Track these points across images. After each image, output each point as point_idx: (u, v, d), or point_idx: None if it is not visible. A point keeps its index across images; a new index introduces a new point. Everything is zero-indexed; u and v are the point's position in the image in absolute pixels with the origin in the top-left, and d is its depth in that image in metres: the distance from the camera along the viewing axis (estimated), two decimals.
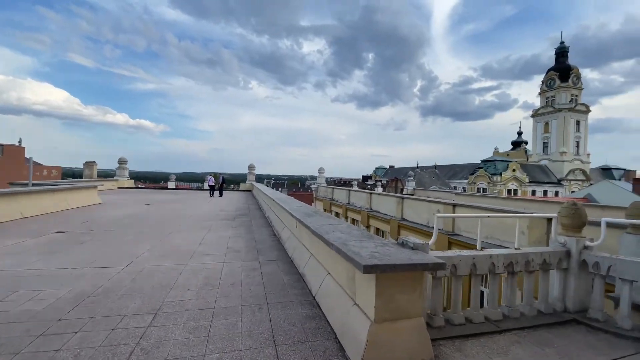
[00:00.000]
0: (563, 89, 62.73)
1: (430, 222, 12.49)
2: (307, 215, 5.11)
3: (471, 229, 10.33)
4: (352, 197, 21.38)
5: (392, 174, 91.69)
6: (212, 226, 9.42)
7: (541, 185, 60.64)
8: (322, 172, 29.55)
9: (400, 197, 14.85)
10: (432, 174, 58.81)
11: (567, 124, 61.86)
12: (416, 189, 35.66)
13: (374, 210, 17.72)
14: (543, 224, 7.81)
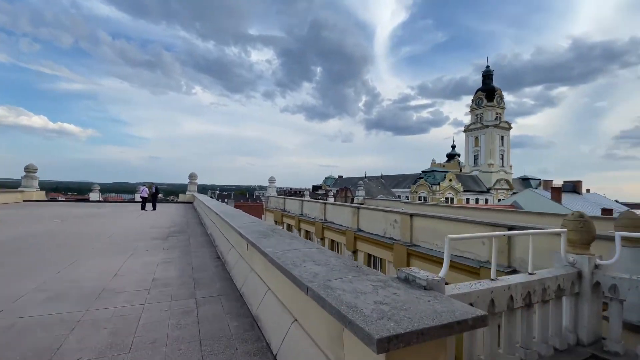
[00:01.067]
0: (489, 108, 70.55)
1: (387, 233, 12.04)
2: (263, 236, 3.94)
3: (430, 239, 10.01)
4: (306, 208, 20.38)
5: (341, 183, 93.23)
6: (137, 248, 7.57)
7: (473, 194, 66.65)
8: (272, 181, 28.11)
9: (356, 207, 14.27)
10: (379, 183, 60.88)
11: (494, 139, 69.47)
12: (366, 198, 36.06)
13: (329, 221, 16.91)
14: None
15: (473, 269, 8.21)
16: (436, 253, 9.52)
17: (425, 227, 10.27)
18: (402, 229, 11.13)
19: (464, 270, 8.54)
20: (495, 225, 7.90)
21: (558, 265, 3.45)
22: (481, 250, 8.32)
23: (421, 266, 10.08)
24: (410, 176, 73.98)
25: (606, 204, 40.98)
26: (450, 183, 62.05)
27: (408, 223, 10.88)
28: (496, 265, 3.13)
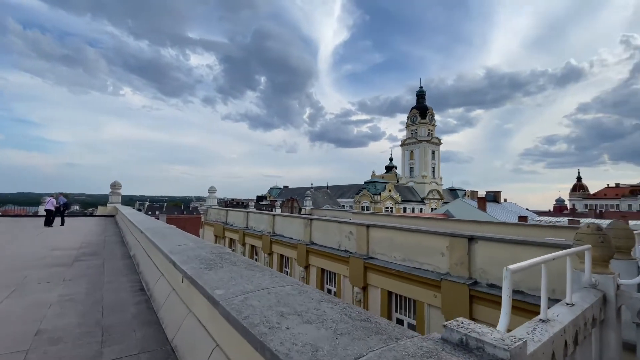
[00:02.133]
0: (423, 125, 76.86)
1: (343, 245, 11.39)
2: (206, 265, 2.80)
3: (387, 251, 9.59)
4: (252, 220, 18.83)
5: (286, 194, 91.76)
6: (25, 281, 5.57)
7: (410, 204, 71.16)
8: (213, 191, 25.78)
9: (309, 219, 13.41)
10: (325, 193, 61.23)
11: (426, 153, 75.61)
12: (313, 209, 35.50)
13: (278, 234, 15.71)
14: (464, 244, 7.52)
15: (434, 282, 7.90)
16: (394, 266, 9.09)
17: (382, 238, 9.84)
18: (358, 241, 10.57)
19: (424, 283, 8.21)
20: (455, 235, 7.74)
21: (578, 287, 2.98)
22: (441, 261, 8.09)
23: (379, 280, 9.58)
24: (354, 186, 76.13)
25: (520, 212, 46.92)
26: (390, 193, 65.33)
27: (364, 234, 10.36)
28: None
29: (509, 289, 1.80)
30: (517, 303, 6.36)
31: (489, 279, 7.08)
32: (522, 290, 6.49)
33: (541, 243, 6.27)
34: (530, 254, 6.73)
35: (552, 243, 6.09)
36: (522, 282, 6.51)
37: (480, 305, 7.00)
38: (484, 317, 6.93)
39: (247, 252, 18.52)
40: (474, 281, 7.24)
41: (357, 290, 10.17)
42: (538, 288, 6.50)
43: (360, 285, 10.03)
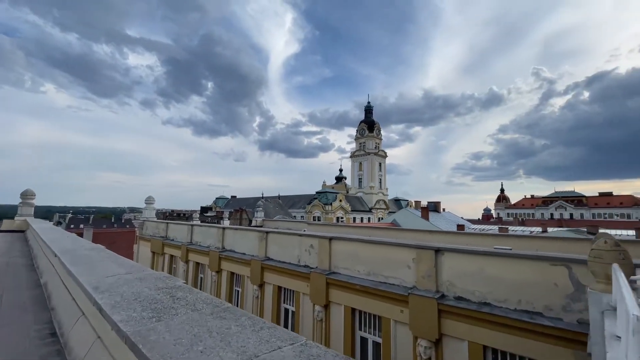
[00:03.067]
0: (370, 138, 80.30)
1: (302, 260, 10.67)
2: (153, 314, 1.93)
3: (351, 265, 9.13)
4: (197, 234, 17.04)
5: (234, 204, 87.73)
6: None
7: (359, 213, 73.08)
8: (150, 202, 23.06)
9: (264, 232, 12.42)
10: (276, 204, 59.71)
11: (374, 165, 78.91)
12: (265, 220, 34.08)
13: (228, 249, 14.34)
14: (431, 256, 7.38)
15: (401, 297, 7.60)
16: (359, 281, 8.64)
17: (346, 252, 9.37)
18: (320, 255, 9.95)
19: (391, 298, 7.88)
20: (422, 247, 7.57)
21: (596, 310, 2.71)
22: (407, 274, 7.85)
23: (342, 296, 9.03)
24: (305, 197, 75.85)
25: (457, 221, 50.94)
26: (341, 203, 66.37)
27: (326, 248, 9.79)
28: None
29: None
30: (484, 315, 6.32)
31: (456, 292, 6.98)
32: (489, 302, 6.47)
33: (509, 254, 6.34)
34: (496, 265, 6.79)
35: (520, 254, 6.19)
36: (489, 294, 6.50)
37: (449, 319, 6.84)
38: (452, 332, 6.78)
39: (190, 271, 16.66)
40: (442, 294, 7.09)
41: (318, 308, 9.49)
42: (505, 300, 6.56)
43: (322, 303, 9.37)
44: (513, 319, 5.90)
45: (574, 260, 5.57)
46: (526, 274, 6.07)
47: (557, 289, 5.68)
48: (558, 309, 5.64)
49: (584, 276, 5.45)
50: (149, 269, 3.47)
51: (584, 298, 5.43)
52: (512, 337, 5.98)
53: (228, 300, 13.69)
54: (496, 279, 6.42)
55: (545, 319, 5.69)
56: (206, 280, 15.40)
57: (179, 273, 17.52)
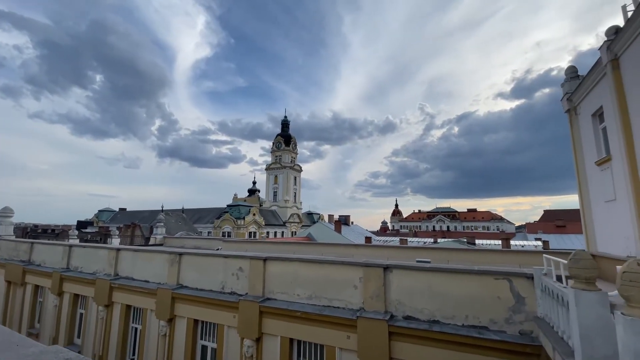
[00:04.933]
0: (287, 152, 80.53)
1: (228, 287, 9.10)
2: None
3: (289, 289, 8.14)
4: (77, 258, 13.19)
5: (123, 218, 74.92)
6: None
7: (273, 227, 71.40)
8: (7, 214, 17.09)
9: (177, 254, 10.27)
10: (179, 218, 53.04)
11: (289, 179, 79.04)
12: (166, 237, 29.57)
13: (124, 276, 11.41)
14: (380, 274, 7.04)
15: (348, 321, 6.99)
16: (299, 307, 7.70)
17: (283, 274, 8.33)
18: (252, 279, 8.62)
19: (336, 324, 7.19)
20: (370, 265, 7.17)
21: (632, 335, 2.50)
22: (354, 295, 7.33)
23: (279, 326, 7.91)
24: (214, 210, 70.16)
25: (364, 233, 54.59)
26: (254, 217, 63.64)
27: (260, 270, 8.55)
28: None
29: None
30: (434, 334, 6.22)
31: (405, 311, 6.76)
32: (438, 319, 6.44)
33: (456, 269, 6.44)
34: (443, 281, 6.85)
35: (466, 270, 6.36)
36: (437, 311, 6.47)
37: (399, 341, 6.53)
38: (404, 355, 6.48)
39: (66, 306, 12.69)
40: (390, 315, 6.78)
41: (248, 343, 8.08)
42: (453, 316, 6.62)
43: (254, 336, 8.02)
44: (463, 336, 5.92)
45: (513, 274, 5.97)
46: (471, 288, 6.24)
47: (499, 302, 5.97)
48: (502, 322, 5.91)
49: (523, 288, 5.86)
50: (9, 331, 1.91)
51: (524, 309, 5.82)
52: (459, 355, 5.98)
53: (122, 341, 10.74)
54: (443, 295, 6.44)
55: (491, 332, 5.87)
56: (89, 317, 11.89)
57: (48, 309, 13.17)
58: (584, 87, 11.53)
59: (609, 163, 10.17)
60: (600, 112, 10.94)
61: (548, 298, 5.12)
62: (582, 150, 12.07)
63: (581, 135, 12.17)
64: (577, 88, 12.08)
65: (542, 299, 5.44)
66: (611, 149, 10.21)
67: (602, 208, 10.70)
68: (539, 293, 5.53)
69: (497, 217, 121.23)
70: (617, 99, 9.24)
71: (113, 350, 10.88)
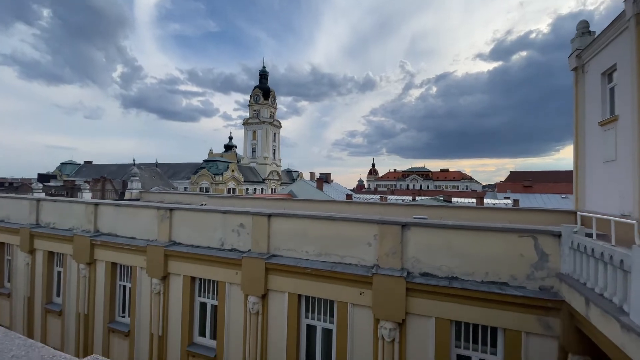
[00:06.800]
0: (265, 106, 76.82)
1: (228, 244, 8.56)
2: None
3: (297, 246, 7.75)
4: (48, 213, 11.95)
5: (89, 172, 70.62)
6: None
7: (252, 184, 70.51)
8: None
9: (167, 209, 9.42)
10: (153, 172, 50.52)
11: (268, 135, 76.50)
12: (142, 192, 28.08)
13: (107, 233, 10.49)
14: (397, 232, 6.74)
15: (362, 278, 6.78)
16: (308, 263, 7.38)
17: (290, 231, 7.86)
18: (255, 236, 8.10)
19: (348, 280, 6.98)
20: (387, 222, 6.82)
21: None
22: (367, 252, 7.06)
23: (286, 282, 7.63)
24: (190, 165, 67.57)
25: (345, 191, 55.33)
26: (233, 173, 62.11)
27: (264, 227, 8.01)
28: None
29: None
30: (452, 290, 6.16)
31: (422, 268, 6.61)
32: (457, 276, 6.35)
33: (479, 227, 6.23)
34: (465, 239, 6.67)
35: (490, 227, 6.16)
36: (456, 268, 6.36)
37: (415, 297, 6.45)
38: (418, 310, 6.44)
39: (40, 264, 11.72)
40: (407, 272, 6.61)
41: (253, 300, 7.79)
42: (473, 273, 6.56)
43: (260, 293, 7.72)
44: (483, 292, 5.88)
45: (539, 232, 5.83)
46: (494, 246, 6.10)
47: (522, 259, 5.89)
48: (522, 278, 5.89)
49: (547, 246, 5.77)
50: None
51: (546, 266, 5.78)
52: (478, 309, 5.99)
53: (110, 299, 10.18)
54: (464, 253, 6.28)
55: (511, 288, 5.86)
56: (69, 275, 11.08)
57: (19, 268, 12.14)
58: (598, 44, 11.06)
59: (613, 123, 10.11)
60: (611, 71, 10.66)
61: (580, 256, 5.03)
62: (585, 110, 11.95)
63: (586, 95, 11.97)
64: (589, 44, 11.61)
65: (570, 256, 5.38)
66: (618, 109, 10.12)
67: (599, 169, 10.90)
68: (566, 250, 5.45)
69: (467, 177, 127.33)
70: (637, 55, 8.89)
71: (100, 308, 10.32)
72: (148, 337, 9.30)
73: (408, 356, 6.53)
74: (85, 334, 10.42)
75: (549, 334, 5.53)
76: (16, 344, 1.13)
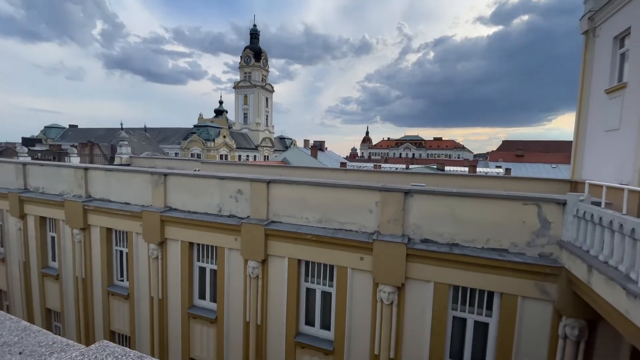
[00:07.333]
0: (256, 68, 73.52)
1: (226, 210, 8.42)
2: None
3: (297, 212, 7.65)
4: (35, 177, 11.52)
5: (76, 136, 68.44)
6: None
7: (245, 151, 69.52)
8: None
9: (160, 174, 9.12)
10: (142, 137, 49.06)
11: (260, 100, 74.10)
12: (133, 157, 27.37)
13: (99, 198, 10.21)
14: (400, 199, 6.64)
15: (363, 244, 6.79)
16: (309, 230, 7.33)
17: (290, 197, 7.71)
18: (254, 202, 7.95)
19: (348, 246, 6.99)
20: (389, 190, 6.70)
21: None
22: (368, 219, 7.01)
23: (286, 248, 7.63)
24: (180, 130, 65.83)
25: (339, 159, 55.13)
26: (225, 140, 60.87)
27: (263, 193, 7.84)
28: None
29: None
30: (452, 256, 6.22)
31: (422, 235, 6.62)
32: (458, 242, 6.38)
33: (484, 195, 6.16)
34: (469, 206, 6.62)
35: (495, 195, 6.09)
36: (457, 235, 6.38)
37: (415, 262, 6.52)
38: (418, 275, 6.54)
39: (32, 228, 11.51)
40: (408, 238, 6.62)
41: (253, 264, 7.82)
42: (474, 239, 6.60)
43: (259, 258, 7.73)
44: (483, 258, 5.95)
45: (543, 199, 5.79)
46: (497, 213, 6.08)
47: (524, 226, 5.90)
48: (523, 245, 5.94)
49: (551, 214, 5.76)
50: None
51: (547, 234, 5.81)
52: (477, 275, 6.10)
53: (107, 264, 10.17)
54: (466, 220, 6.27)
55: (511, 255, 5.93)
56: (63, 241, 10.95)
57: (11, 232, 11.93)
58: (613, 5, 10.46)
59: (621, 91, 9.85)
60: (624, 35, 10.20)
61: (585, 224, 5.03)
62: (592, 76, 11.61)
63: (594, 61, 11.54)
64: (604, 5, 10.98)
65: (573, 224, 5.39)
66: (627, 76, 9.81)
67: (600, 137, 10.81)
68: (570, 218, 5.45)
69: (459, 146, 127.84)
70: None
71: (98, 272, 10.34)
72: (148, 300, 9.43)
73: (406, 318, 6.75)
74: (85, 297, 10.52)
75: (545, 298, 5.70)
76: (7, 328, 0.92)
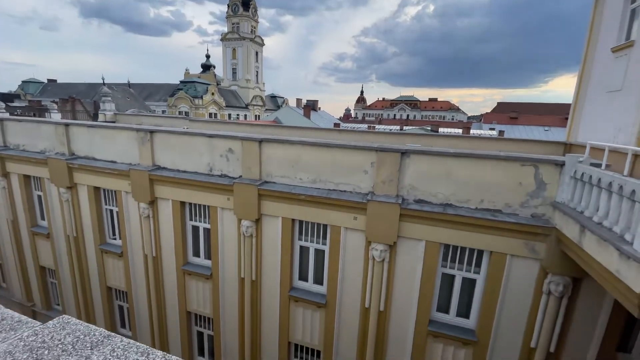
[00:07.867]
0: (245, 18, 68.43)
1: (217, 169, 8.18)
2: None
3: (291, 173, 7.48)
4: (14, 135, 10.91)
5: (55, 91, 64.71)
6: None
7: (234, 110, 67.28)
8: None
9: (146, 131, 8.67)
10: (126, 93, 46.62)
11: (250, 54, 70.04)
12: (117, 114, 26.14)
13: (84, 156, 9.79)
14: (396, 159, 6.48)
15: (357, 204, 6.75)
16: (302, 190, 7.22)
17: (283, 157, 7.48)
18: (246, 162, 7.71)
19: (342, 206, 6.96)
20: (385, 150, 6.51)
21: None
22: (363, 180, 6.90)
23: (280, 208, 7.58)
24: (165, 86, 62.72)
25: (332, 119, 53.96)
26: (213, 97, 58.45)
27: (255, 152, 7.57)
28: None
29: None
30: (445, 216, 6.26)
31: (417, 195, 6.58)
32: (452, 203, 6.39)
33: (483, 155, 6.03)
34: (466, 167, 6.52)
35: (493, 155, 5.97)
36: (452, 196, 6.36)
37: (408, 222, 6.56)
38: (410, 234, 6.62)
39: (17, 187, 11.17)
40: (402, 198, 6.59)
41: (247, 224, 7.80)
42: (468, 200, 6.60)
43: (253, 217, 7.69)
44: (475, 218, 5.99)
45: (541, 161, 5.71)
46: (494, 174, 6.01)
47: (520, 187, 5.88)
48: (516, 206, 5.97)
49: (548, 175, 5.72)
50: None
51: (542, 195, 5.82)
52: (469, 234, 6.20)
53: (97, 222, 10.07)
54: (462, 180, 6.21)
55: (504, 215, 5.98)
56: (50, 200, 10.69)
57: None
58: None
59: (628, 50, 9.42)
60: None
61: (582, 185, 5.00)
62: (599, 34, 11.03)
63: (603, 17, 10.89)
64: None
65: (569, 185, 5.37)
66: (636, 34, 9.32)
67: (600, 98, 10.57)
68: (567, 180, 5.42)
69: (454, 108, 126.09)
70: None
71: (89, 231, 10.26)
72: (142, 258, 9.52)
73: (396, 274, 6.96)
74: (78, 255, 10.56)
75: (533, 257, 5.88)
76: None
